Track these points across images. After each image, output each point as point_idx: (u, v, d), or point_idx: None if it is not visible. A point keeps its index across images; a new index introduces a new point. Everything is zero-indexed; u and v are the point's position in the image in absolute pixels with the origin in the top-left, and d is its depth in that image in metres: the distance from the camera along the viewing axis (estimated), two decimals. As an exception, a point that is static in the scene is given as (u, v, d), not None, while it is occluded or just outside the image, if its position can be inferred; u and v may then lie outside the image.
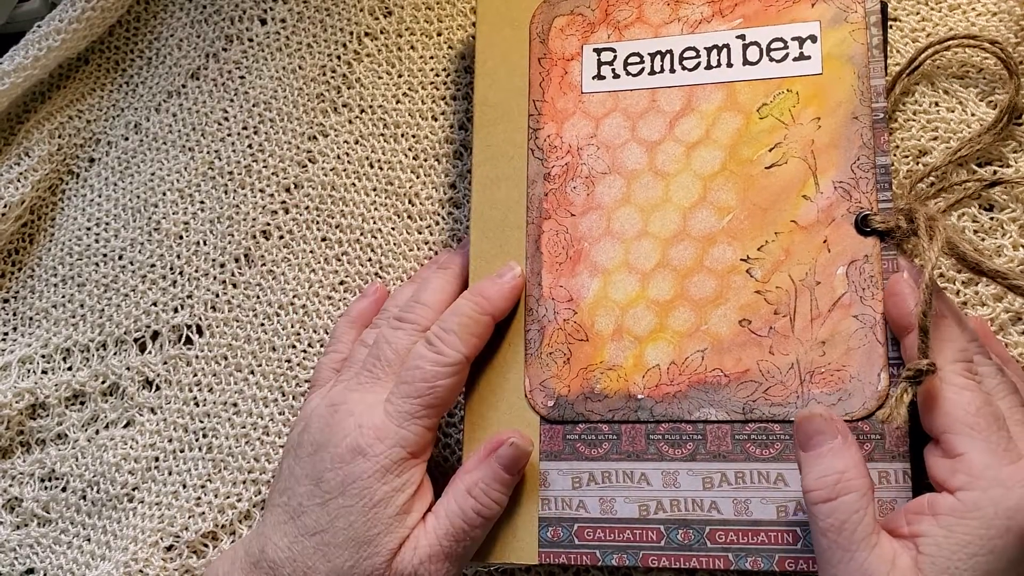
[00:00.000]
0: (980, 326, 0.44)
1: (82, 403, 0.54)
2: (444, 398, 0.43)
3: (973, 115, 0.47)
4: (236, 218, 0.55)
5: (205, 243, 0.55)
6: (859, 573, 0.35)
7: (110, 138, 0.58)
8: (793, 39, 0.45)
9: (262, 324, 0.53)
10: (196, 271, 0.54)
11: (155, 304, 0.55)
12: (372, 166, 0.54)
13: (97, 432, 0.53)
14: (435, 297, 0.46)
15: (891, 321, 0.41)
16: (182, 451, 0.52)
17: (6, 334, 0.56)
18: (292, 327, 0.52)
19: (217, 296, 0.54)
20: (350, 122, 0.55)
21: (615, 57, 0.48)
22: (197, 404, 0.53)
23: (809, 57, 0.45)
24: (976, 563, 0.34)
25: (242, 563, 0.43)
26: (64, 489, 0.53)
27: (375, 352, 0.45)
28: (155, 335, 0.54)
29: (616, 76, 0.47)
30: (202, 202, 0.56)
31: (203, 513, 0.50)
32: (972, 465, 0.36)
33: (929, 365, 0.39)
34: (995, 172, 0.46)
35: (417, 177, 0.53)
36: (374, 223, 0.53)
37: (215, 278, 0.54)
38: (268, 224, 0.54)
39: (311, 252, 0.53)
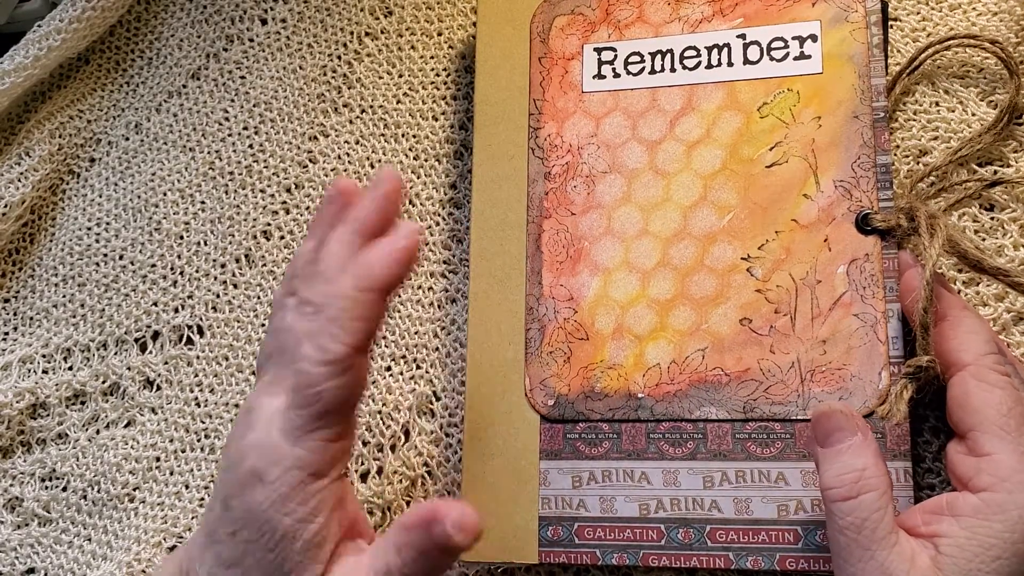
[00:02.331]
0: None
1: (83, 403, 0.54)
2: (337, 402, 0.35)
3: (974, 115, 0.47)
4: (237, 218, 0.55)
5: (206, 243, 0.55)
6: (879, 572, 0.35)
7: (111, 138, 0.58)
8: (794, 38, 0.45)
9: (263, 325, 0.53)
10: (197, 271, 0.55)
11: (156, 304, 0.55)
12: (373, 166, 0.54)
13: (98, 432, 0.53)
14: (335, 264, 0.37)
15: (909, 316, 0.40)
16: (183, 451, 0.52)
17: (7, 334, 0.56)
18: (293, 327, 0.52)
19: (218, 296, 0.54)
20: (351, 122, 0.55)
21: (615, 56, 0.48)
22: (199, 404, 0.53)
23: (810, 56, 0.45)
24: (1000, 566, 0.34)
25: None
26: (65, 489, 0.53)
27: (277, 342, 0.37)
28: (156, 335, 0.54)
29: (616, 75, 0.47)
30: (203, 202, 0.56)
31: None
32: (1000, 466, 0.35)
33: (929, 361, 0.38)
34: (995, 172, 0.46)
35: (418, 177, 0.53)
36: (375, 223, 0.53)
37: (216, 278, 0.54)
38: (269, 224, 0.54)
39: (312, 252, 0.53)
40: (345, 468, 0.37)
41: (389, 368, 0.51)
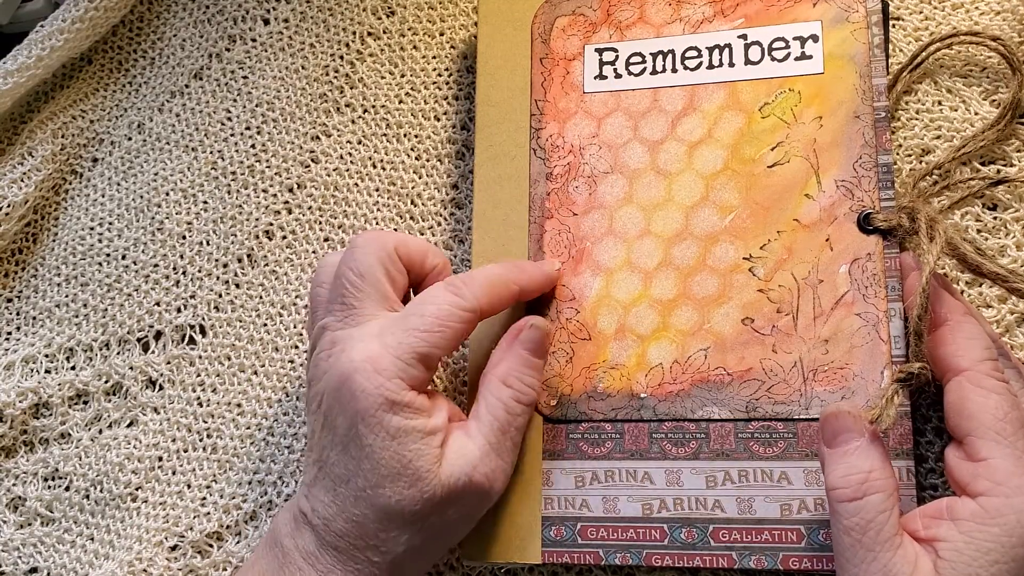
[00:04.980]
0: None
1: (85, 402, 0.54)
2: (448, 342, 0.40)
3: (976, 114, 0.47)
4: (239, 218, 0.55)
5: (208, 243, 0.55)
6: (882, 573, 0.35)
7: (113, 138, 0.58)
8: (795, 39, 0.45)
9: (265, 324, 0.53)
10: (199, 271, 0.55)
11: (158, 304, 0.55)
12: (375, 166, 0.54)
13: (100, 432, 0.53)
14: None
15: (911, 319, 0.40)
16: (186, 451, 0.52)
17: (10, 333, 0.56)
18: (295, 327, 0.52)
19: (220, 296, 0.54)
20: (353, 122, 0.55)
21: (617, 57, 0.48)
22: (201, 404, 0.53)
23: (811, 57, 0.45)
24: (998, 570, 0.34)
25: (295, 526, 0.41)
26: (67, 488, 0.53)
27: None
28: (158, 335, 0.54)
29: (618, 76, 0.47)
30: (205, 202, 0.56)
31: (208, 513, 0.50)
32: (996, 471, 0.35)
33: (921, 368, 0.39)
34: (999, 172, 0.46)
35: (419, 177, 0.53)
36: (376, 223, 0.53)
37: (218, 278, 0.54)
38: (271, 224, 0.54)
39: (314, 252, 0.53)
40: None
41: (391, 368, 0.51)
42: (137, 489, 0.52)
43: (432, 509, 0.39)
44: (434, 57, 0.55)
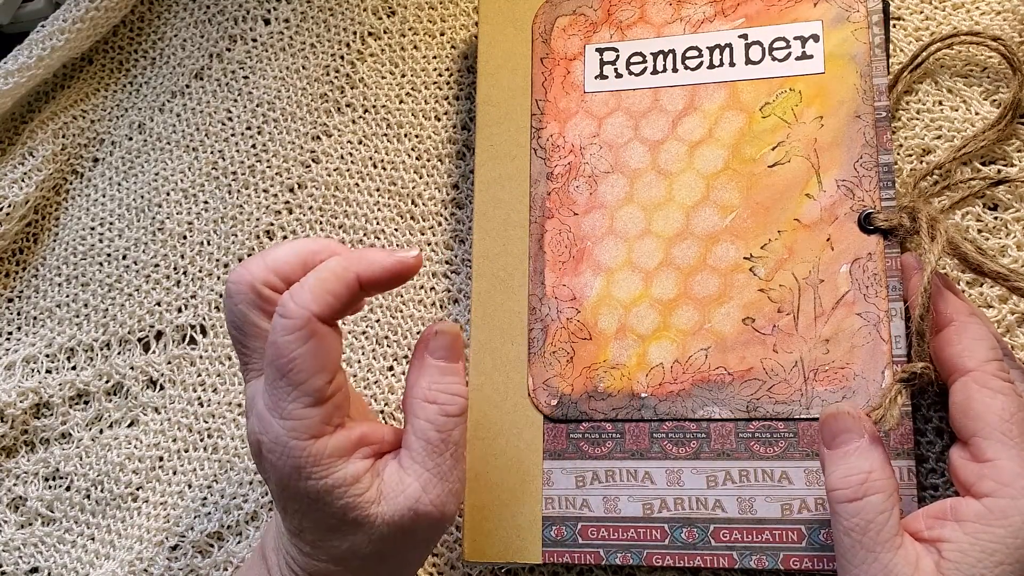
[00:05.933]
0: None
1: (86, 402, 0.54)
2: (309, 369, 0.36)
3: (977, 114, 0.47)
4: (240, 218, 0.55)
5: (209, 243, 0.55)
6: (883, 574, 0.35)
7: (114, 138, 0.58)
8: (795, 38, 0.45)
9: (266, 324, 0.53)
10: (200, 271, 0.55)
11: (159, 304, 0.55)
12: (375, 166, 0.54)
13: (101, 431, 0.53)
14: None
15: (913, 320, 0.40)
16: (187, 451, 0.52)
17: (11, 333, 0.56)
18: (296, 327, 0.52)
19: (221, 296, 0.54)
20: (353, 122, 0.55)
21: (617, 57, 0.48)
22: (202, 404, 0.53)
23: (811, 56, 0.45)
24: (1002, 572, 0.34)
25: (277, 544, 0.41)
26: (68, 488, 0.53)
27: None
28: (159, 335, 0.54)
29: (619, 76, 0.47)
30: (206, 202, 0.56)
31: (209, 513, 0.50)
32: (1002, 472, 0.35)
33: (924, 368, 0.39)
34: (999, 172, 0.46)
35: (420, 177, 0.53)
36: (377, 223, 0.53)
37: (219, 278, 0.54)
38: (272, 224, 0.54)
39: (314, 252, 0.53)
40: (344, 414, 0.39)
41: (391, 368, 0.51)
42: (138, 489, 0.52)
43: (385, 546, 0.38)
44: (434, 57, 0.55)
